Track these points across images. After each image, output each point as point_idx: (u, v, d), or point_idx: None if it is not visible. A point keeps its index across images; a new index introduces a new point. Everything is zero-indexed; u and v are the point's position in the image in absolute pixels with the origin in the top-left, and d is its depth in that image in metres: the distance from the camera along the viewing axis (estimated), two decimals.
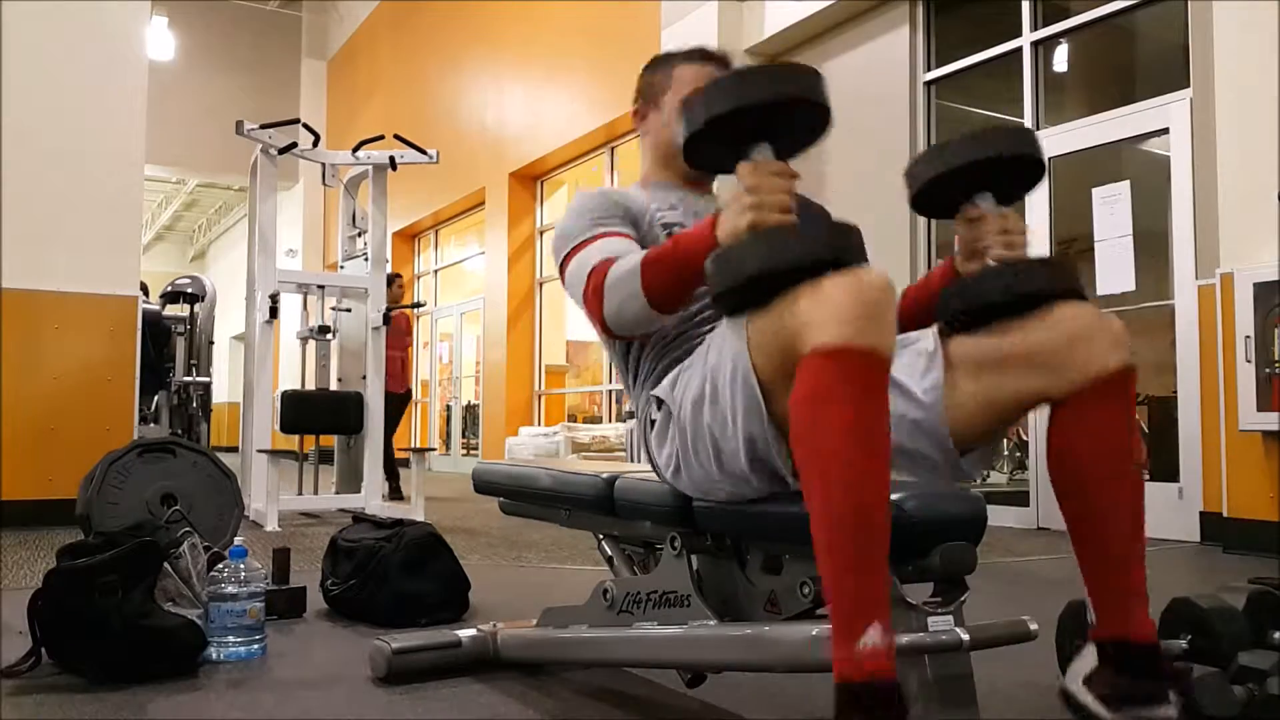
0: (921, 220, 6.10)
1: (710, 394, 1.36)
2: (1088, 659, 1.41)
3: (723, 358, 1.35)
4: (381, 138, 6.05)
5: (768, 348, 1.27)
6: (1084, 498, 1.38)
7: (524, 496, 2.00)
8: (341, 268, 6.53)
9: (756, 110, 1.28)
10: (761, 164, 1.31)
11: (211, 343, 6.94)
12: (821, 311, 1.17)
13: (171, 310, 6.73)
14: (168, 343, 6.49)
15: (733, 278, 1.27)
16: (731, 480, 1.37)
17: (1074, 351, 1.34)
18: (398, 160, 5.88)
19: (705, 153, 1.38)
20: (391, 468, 7.05)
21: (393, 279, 7.40)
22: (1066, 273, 1.42)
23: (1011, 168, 1.47)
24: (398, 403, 7.25)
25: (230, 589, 2.12)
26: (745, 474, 1.34)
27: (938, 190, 1.49)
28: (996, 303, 1.41)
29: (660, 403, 1.52)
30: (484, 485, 2.09)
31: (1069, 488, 1.40)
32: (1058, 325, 1.37)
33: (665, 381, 1.54)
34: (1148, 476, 6.23)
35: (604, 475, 1.72)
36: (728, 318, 1.37)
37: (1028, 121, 5.55)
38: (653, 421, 1.55)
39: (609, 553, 1.88)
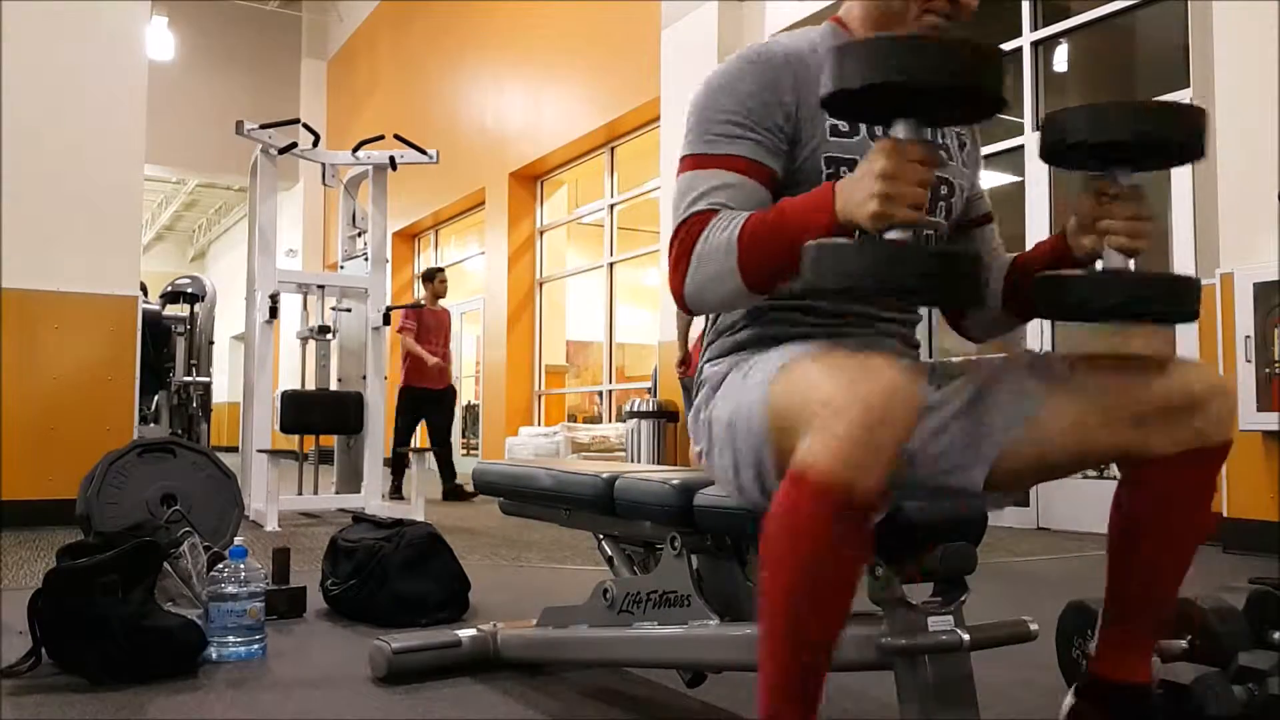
0: None
1: (732, 426, 1.27)
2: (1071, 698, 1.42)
3: (746, 396, 1.24)
4: (381, 138, 6.06)
5: (783, 405, 1.15)
6: (1143, 563, 1.33)
7: (524, 496, 2.00)
8: (341, 268, 6.54)
9: (917, 90, 1.07)
10: (903, 146, 1.11)
11: (211, 343, 6.94)
12: (821, 418, 1.04)
13: (172, 310, 6.73)
14: (167, 342, 6.49)
15: (828, 282, 1.11)
16: (745, 498, 1.29)
17: (1187, 415, 1.23)
18: (398, 160, 5.88)
19: (845, 110, 1.18)
20: (392, 464, 7.03)
21: (434, 273, 7.31)
22: (1185, 295, 1.25)
23: (1168, 148, 1.27)
24: (439, 399, 7.16)
25: (230, 589, 2.12)
26: (758, 499, 1.25)
27: (1077, 151, 1.28)
28: (1102, 310, 1.26)
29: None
30: (484, 485, 2.09)
31: (1130, 549, 1.33)
32: (1177, 384, 1.24)
33: (725, 363, 1.40)
34: None
35: (604, 475, 1.72)
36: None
37: (1027, 122, 5.55)
38: (702, 384, 1.43)
39: (609, 553, 1.88)
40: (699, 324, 6.21)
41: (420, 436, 7.04)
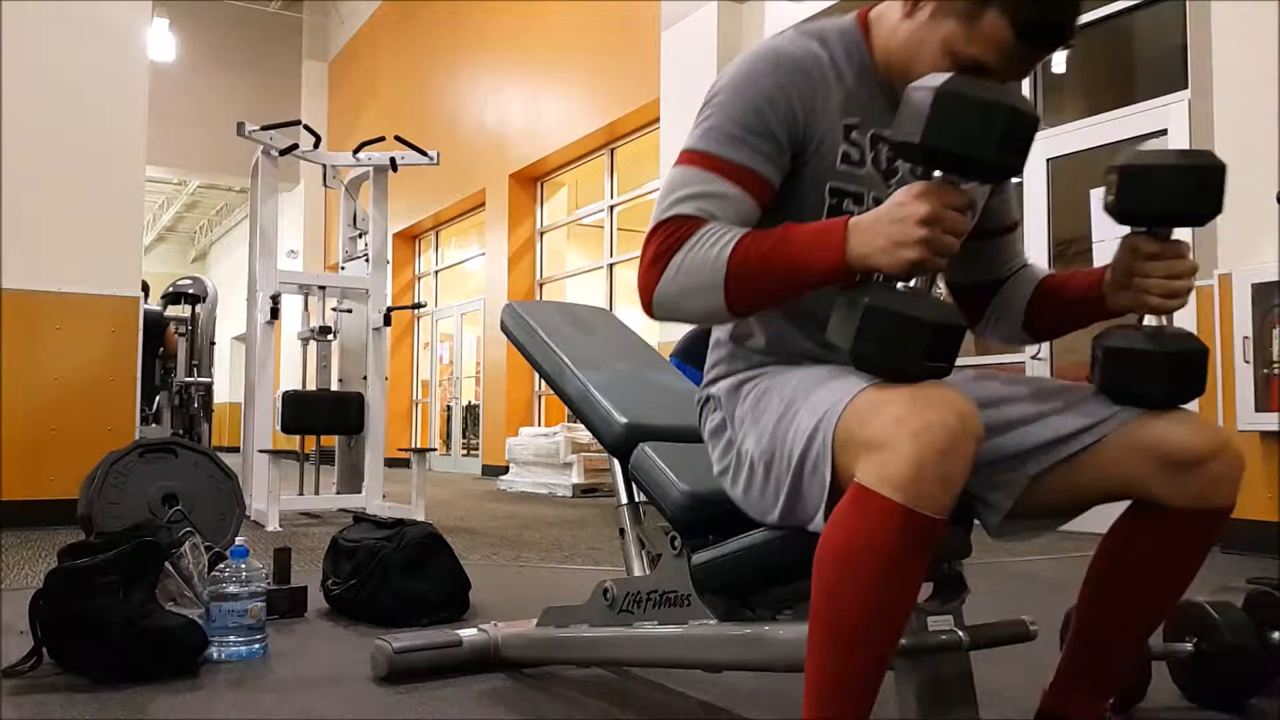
0: None
1: (770, 460, 1.22)
2: None
3: (799, 422, 1.17)
4: (382, 139, 6.06)
5: (847, 427, 1.10)
6: (1123, 600, 1.33)
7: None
8: (342, 269, 6.54)
9: (984, 163, 1.06)
10: (947, 191, 1.07)
11: (213, 343, 6.94)
12: (896, 439, 1.02)
13: (173, 311, 6.73)
14: (162, 342, 6.43)
15: (893, 345, 1.07)
16: (784, 522, 1.24)
17: (1189, 470, 1.23)
18: (398, 161, 5.88)
19: (917, 157, 1.09)
20: None
21: None
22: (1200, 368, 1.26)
23: (1195, 216, 1.29)
24: None
25: (231, 589, 2.12)
26: (799, 519, 1.21)
27: (1110, 211, 1.31)
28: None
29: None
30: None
31: (1117, 582, 1.33)
32: (1178, 437, 1.23)
33: (726, 384, 1.35)
34: None
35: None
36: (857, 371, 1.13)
37: None
38: (713, 397, 1.38)
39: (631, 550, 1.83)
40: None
41: (421, 436, 7.00)
